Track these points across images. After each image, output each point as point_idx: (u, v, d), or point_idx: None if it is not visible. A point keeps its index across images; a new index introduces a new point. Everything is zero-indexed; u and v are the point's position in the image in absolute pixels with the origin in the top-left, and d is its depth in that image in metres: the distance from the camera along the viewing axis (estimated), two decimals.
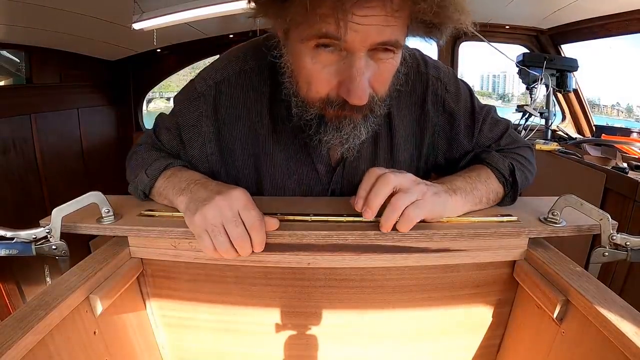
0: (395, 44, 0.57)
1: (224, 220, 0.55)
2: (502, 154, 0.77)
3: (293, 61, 0.63)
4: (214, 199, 0.56)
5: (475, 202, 0.68)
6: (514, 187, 0.71)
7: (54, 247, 0.62)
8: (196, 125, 0.77)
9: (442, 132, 0.83)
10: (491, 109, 0.85)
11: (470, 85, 0.85)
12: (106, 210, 0.63)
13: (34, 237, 0.62)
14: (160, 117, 0.84)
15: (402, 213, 0.58)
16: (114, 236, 0.65)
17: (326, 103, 0.62)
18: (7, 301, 2.13)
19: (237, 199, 0.57)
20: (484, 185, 0.70)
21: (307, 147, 0.77)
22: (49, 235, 0.62)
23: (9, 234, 0.62)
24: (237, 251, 0.57)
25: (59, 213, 0.61)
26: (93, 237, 0.67)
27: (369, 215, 0.58)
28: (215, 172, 0.79)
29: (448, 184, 0.67)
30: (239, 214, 0.56)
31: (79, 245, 0.69)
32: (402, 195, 0.58)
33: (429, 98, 0.80)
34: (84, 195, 0.62)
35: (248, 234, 0.56)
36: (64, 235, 0.63)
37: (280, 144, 0.77)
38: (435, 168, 0.88)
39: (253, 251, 0.58)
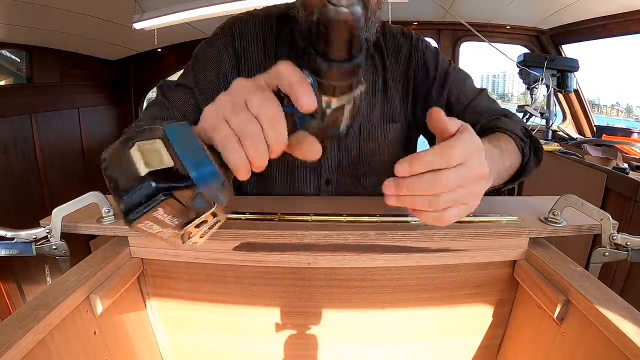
0: None
1: (224, 114, 0.39)
2: (505, 118, 0.78)
3: None
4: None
5: (504, 169, 0.64)
6: (535, 148, 0.71)
7: (54, 247, 0.62)
8: (215, 60, 0.83)
9: (422, 85, 0.89)
10: (469, 76, 0.91)
11: None
12: (106, 210, 0.63)
13: (34, 237, 0.62)
14: (164, 81, 0.85)
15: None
16: (114, 236, 0.64)
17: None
18: (7, 301, 2.13)
19: (242, 86, 0.39)
20: (507, 153, 0.66)
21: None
22: (49, 235, 0.62)
23: (9, 234, 0.62)
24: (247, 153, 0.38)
25: (59, 213, 0.61)
26: (93, 237, 0.67)
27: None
28: None
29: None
30: (246, 104, 0.38)
31: (79, 245, 0.69)
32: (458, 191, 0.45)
33: (413, 52, 0.89)
34: (84, 195, 0.62)
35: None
36: (64, 235, 0.63)
37: None
38: (424, 128, 0.91)
39: (271, 155, 0.39)
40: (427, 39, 0.94)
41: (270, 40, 0.85)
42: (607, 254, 0.62)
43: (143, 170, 0.31)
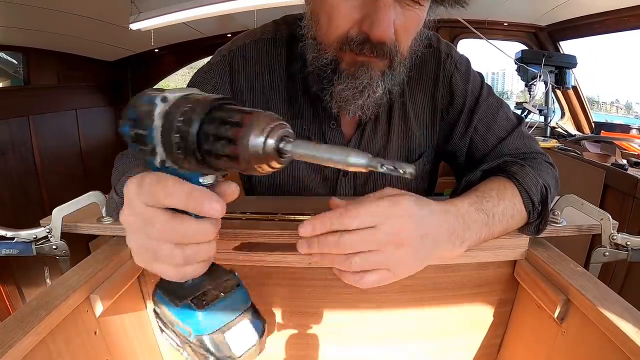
0: None
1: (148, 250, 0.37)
2: (531, 165, 0.65)
3: None
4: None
5: (485, 240, 0.57)
6: (542, 215, 0.60)
7: (54, 247, 0.62)
8: None
9: (445, 113, 0.79)
10: (504, 104, 0.79)
11: None
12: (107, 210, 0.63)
13: (35, 237, 0.62)
14: None
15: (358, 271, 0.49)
16: (114, 236, 0.64)
17: (344, 43, 0.59)
18: (7, 303, 2.13)
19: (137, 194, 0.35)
20: (500, 219, 0.58)
21: (320, 126, 0.76)
22: (49, 235, 0.62)
23: (9, 233, 0.62)
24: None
25: (59, 213, 0.61)
26: (93, 237, 0.67)
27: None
28: None
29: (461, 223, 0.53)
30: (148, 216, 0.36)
31: (79, 245, 0.69)
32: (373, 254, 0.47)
33: (440, 73, 0.78)
34: (84, 195, 0.62)
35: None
36: (64, 235, 0.63)
37: (295, 118, 0.77)
38: (445, 155, 0.84)
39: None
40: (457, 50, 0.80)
41: (278, 69, 0.77)
42: (607, 253, 0.62)
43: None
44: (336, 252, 0.47)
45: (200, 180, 0.36)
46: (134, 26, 2.33)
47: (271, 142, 0.30)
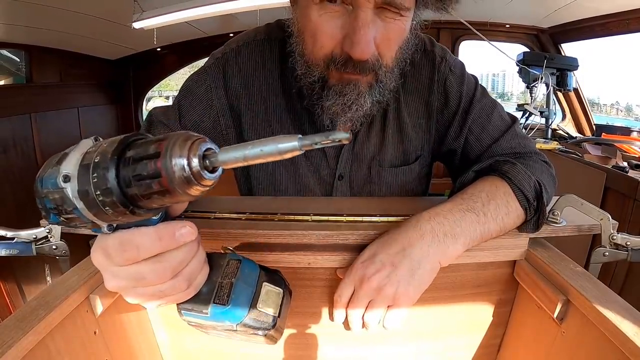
0: (400, 6, 0.57)
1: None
2: (524, 164, 0.66)
3: (300, 17, 0.64)
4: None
5: (483, 238, 0.58)
6: (539, 211, 0.60)
7: (54, 247, 0.62)
8: (203, 100, 0.76)
9: (440, 115, 0.80)
10: (497, 105, 0.79)
11: None
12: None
13: (35, 237, 0.62)
14: (155, 111, 0.78)
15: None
16: None
17: (330, 61, 0.61)
18: (8, 301, 2.13)
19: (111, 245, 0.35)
20: (498, 214, 0.59)
21: (316, 129, 0.76)
22: (49, 235, 0.62)
23: (9, 233, 0.62)
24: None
25: None
26: (93, 237, 0.67)
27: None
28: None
29: (448, 227, 0.56)
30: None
31: (79, 245, 0.69)
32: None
33: (435, 77, 0.78)
34: None
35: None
36: (64, 235, 0.63)
37: (291, 122, 0.77)
38: (441, 156, 0.85)
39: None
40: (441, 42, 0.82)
41: (273, 68, 0.77)
42: (607, 253, 0.62)
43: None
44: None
45: (153, 218, 0.35)
46: (136, 25, 2.34)
47: (195, 160, 0.28)
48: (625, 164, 1.81)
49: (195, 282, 0.40)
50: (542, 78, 2.45)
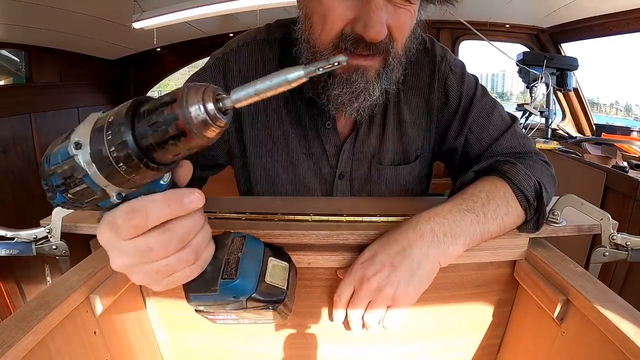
0: None
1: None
2: (524, 164, 0.66)
3: (309, 0, 0.63)
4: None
5: (483, 238, 0.59)
6: (539, 210, 0.60)
7: (54, 247, 0.62)
8: None
9: (440, 114, 0.80)
10: (497, 104, 0.79)
11: None
12: None
13: (35, 237, 0.62)
14: None
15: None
16: None
17: (339, 40, 0.59)
18: (8, 301, 2.13)
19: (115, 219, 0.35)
20: (498, 214, 0.59)
21: (316, 126, 0.76)
22: (49, 235, 0.62)
23: (9, 233, 0.62)
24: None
25: (59, 213, 0.61)
26: (93, 236, 0.67)
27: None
28: (231, 146, 0.80)
29: (447, 227, 0.56)
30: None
31: (79, 245, 0.69)
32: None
33: (435, 76, 0.78)
34: None
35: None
36: (64, 235, 0.63)
37: (290, 120, 0.77)
38: (441, 156, 0.85)
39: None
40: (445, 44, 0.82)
41: (272, 68, 0.75)
42: (607, 253, 0.62)
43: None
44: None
45: (162, 183, 0.35)
46: (136, 25, 2.34)
47: (210, 103, 0.29)
48: (625, 163, 1.81)
49: (202, 256, 0.40)
50: (542, 78, 2.45)
